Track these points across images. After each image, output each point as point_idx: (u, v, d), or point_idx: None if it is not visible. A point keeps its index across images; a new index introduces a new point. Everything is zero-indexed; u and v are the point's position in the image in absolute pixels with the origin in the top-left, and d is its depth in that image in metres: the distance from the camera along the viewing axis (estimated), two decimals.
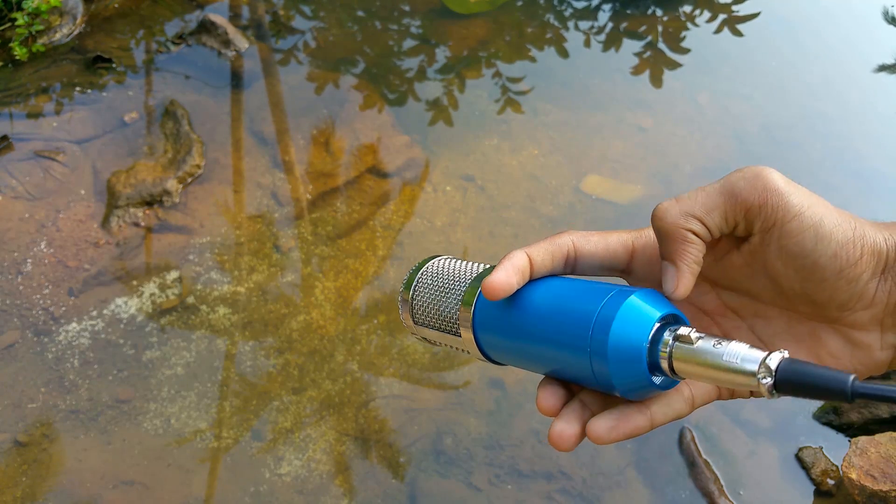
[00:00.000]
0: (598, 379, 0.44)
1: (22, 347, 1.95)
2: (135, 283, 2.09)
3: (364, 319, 2.05)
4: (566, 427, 0.45)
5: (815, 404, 1.89)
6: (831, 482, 1.75)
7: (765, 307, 0.47)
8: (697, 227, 0.44)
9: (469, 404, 1.89)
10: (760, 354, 0.40)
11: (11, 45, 2.65)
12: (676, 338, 0.42)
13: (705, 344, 0.41)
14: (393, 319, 2.05)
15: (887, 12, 3.10)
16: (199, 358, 1.95)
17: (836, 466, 1.76)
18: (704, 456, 1.79)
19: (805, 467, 1.77)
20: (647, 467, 1.79)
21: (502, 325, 0.48)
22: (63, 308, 2.03)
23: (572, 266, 0.49)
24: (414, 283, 0.54)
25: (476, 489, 1.75)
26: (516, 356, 0.49)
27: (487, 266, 0.53)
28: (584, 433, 0.45)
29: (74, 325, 2.00)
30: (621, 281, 0.51)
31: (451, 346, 0.53)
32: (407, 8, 3.04)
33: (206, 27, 2.74)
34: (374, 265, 2.16)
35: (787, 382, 0.38)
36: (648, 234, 0.49)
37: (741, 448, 1.82)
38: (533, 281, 0.48)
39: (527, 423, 1.85)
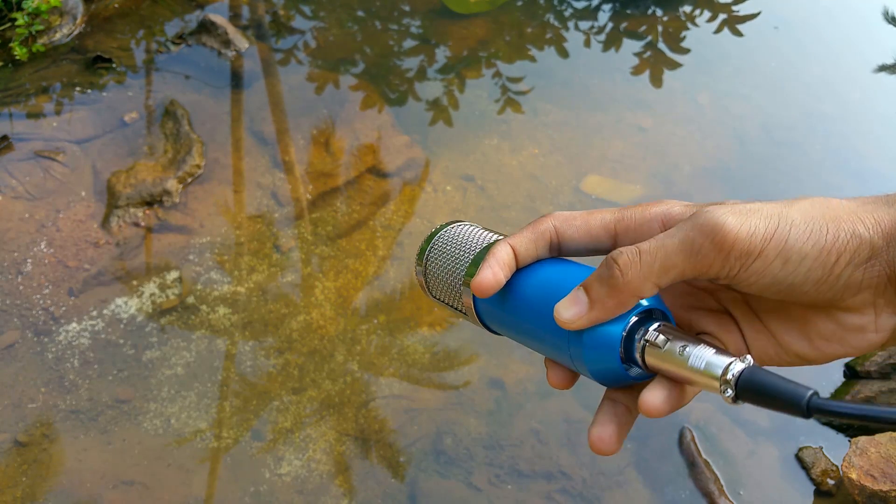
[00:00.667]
0: (576, 365, 0.45)
1: (22, 347, 1.95)
2: (135, 283, 2.09)
3: (364, 319, 2.05)
4: (603, 430, 0.45)
5: None
6: (831, 482, 1.74)
7: None
8: (649, 292, 0.43)
9: (469, 404, 1.88)
10: (723, 362, 0.39)
11: (11, 45, 2.65)
12: (646, 339, 0.43)
13: (672, 347, 0.42)
14: (393, 319, 2.05)
15: (887, 12, 3.10)
16: (199, 358, 1.95)
17: (836, 466, 1.76)
18: (704, 456, 1.79)
19: (805, 467, 1.77)
20: (647, 467, 1.79)
21: (498, 310, 0.51)
22: (63, 308, 2.03)
23: (557, 250, 0.50)
24: (426, 254, 0.55)
25: (476, 489, 1.75)
26: (515, 336, 0.51)
27: (493, 238, 0.53)
28: (622, 431, 0.45)
29: (74, 325, 2.00)
30: None
31: (465, 318, 0.55)
32: (407, 8, 3.04)
33: (206, 27, 2.74)
34: (374, 265, 2.16)
35: (748, 393, 0.38)
36: (632, 216, 0.48)
37: (741, 448, 1.82)
38: (522, 268, 0.50)
39: (527, 423, 1.85)
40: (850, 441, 1.73)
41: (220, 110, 2.55)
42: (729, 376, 0.38)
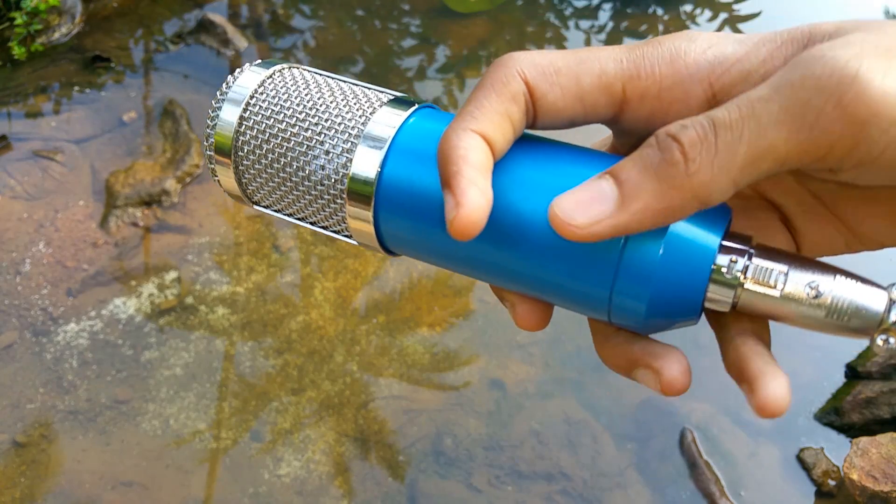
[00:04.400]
0: (617, 305, 0.29)
1: (20, 348, 1.95)
2: (133, 283, 2.09)
3: (363, 320, 2.04)
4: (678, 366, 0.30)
5: (816, 404, 1.88)
6: (832, 483, 1.74)
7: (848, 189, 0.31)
8: (721, 195, 0.27)
9: (469, 405, 1.88)
10: (877, 300, 0.26)
11: (10, 44, 2.64)
12: (749, 275, 0.28)
13: (795, 290, 0.27)
14: (392, 320, 2.05)
15: (888, 12, 3.09)
16: (197, 358, 1.95)
17: (838, 467, 1.75)
18: (705, 457, 1.78)
19: (806, 468, 1.77)
20: (647, 468, 1.78)
21: (438, 232, 0.31)
22: (61, 308, 2.02)
23: (529, 124, 0.32)
24: (237, 138, 0.32)
25: (476, 490, 1.75)
26: (467, 269, 0.33)
27: (377, 99, 0.33)
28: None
29: (73, 325, 1.99)
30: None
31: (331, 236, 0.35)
32: (407, 7, 3.03)
33: (204, 26, 2.74)
34: (373, 265, 2.15)
35: None
36: (654, 70, 0.30)
37: (742, 449, 1.81)
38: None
39: (527, 423, 1.84)
40: (851, 442, 1.73)
41: None
42: (893, 320, 0.26)
